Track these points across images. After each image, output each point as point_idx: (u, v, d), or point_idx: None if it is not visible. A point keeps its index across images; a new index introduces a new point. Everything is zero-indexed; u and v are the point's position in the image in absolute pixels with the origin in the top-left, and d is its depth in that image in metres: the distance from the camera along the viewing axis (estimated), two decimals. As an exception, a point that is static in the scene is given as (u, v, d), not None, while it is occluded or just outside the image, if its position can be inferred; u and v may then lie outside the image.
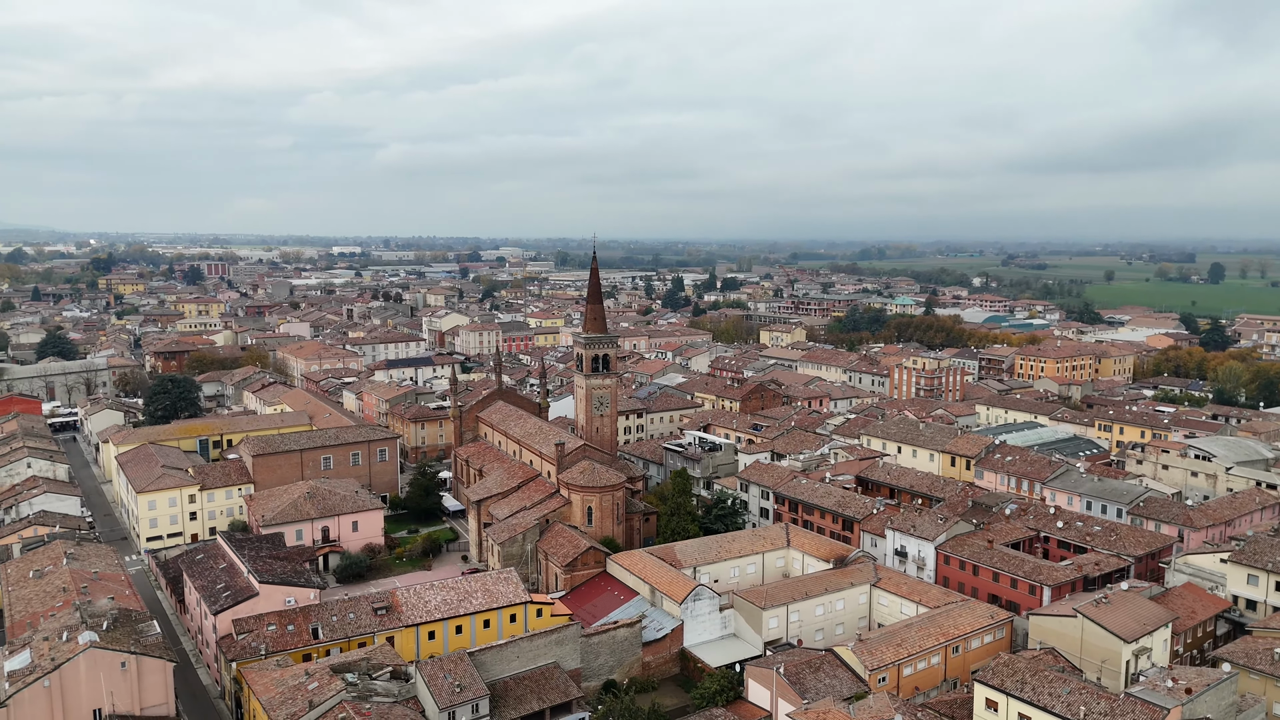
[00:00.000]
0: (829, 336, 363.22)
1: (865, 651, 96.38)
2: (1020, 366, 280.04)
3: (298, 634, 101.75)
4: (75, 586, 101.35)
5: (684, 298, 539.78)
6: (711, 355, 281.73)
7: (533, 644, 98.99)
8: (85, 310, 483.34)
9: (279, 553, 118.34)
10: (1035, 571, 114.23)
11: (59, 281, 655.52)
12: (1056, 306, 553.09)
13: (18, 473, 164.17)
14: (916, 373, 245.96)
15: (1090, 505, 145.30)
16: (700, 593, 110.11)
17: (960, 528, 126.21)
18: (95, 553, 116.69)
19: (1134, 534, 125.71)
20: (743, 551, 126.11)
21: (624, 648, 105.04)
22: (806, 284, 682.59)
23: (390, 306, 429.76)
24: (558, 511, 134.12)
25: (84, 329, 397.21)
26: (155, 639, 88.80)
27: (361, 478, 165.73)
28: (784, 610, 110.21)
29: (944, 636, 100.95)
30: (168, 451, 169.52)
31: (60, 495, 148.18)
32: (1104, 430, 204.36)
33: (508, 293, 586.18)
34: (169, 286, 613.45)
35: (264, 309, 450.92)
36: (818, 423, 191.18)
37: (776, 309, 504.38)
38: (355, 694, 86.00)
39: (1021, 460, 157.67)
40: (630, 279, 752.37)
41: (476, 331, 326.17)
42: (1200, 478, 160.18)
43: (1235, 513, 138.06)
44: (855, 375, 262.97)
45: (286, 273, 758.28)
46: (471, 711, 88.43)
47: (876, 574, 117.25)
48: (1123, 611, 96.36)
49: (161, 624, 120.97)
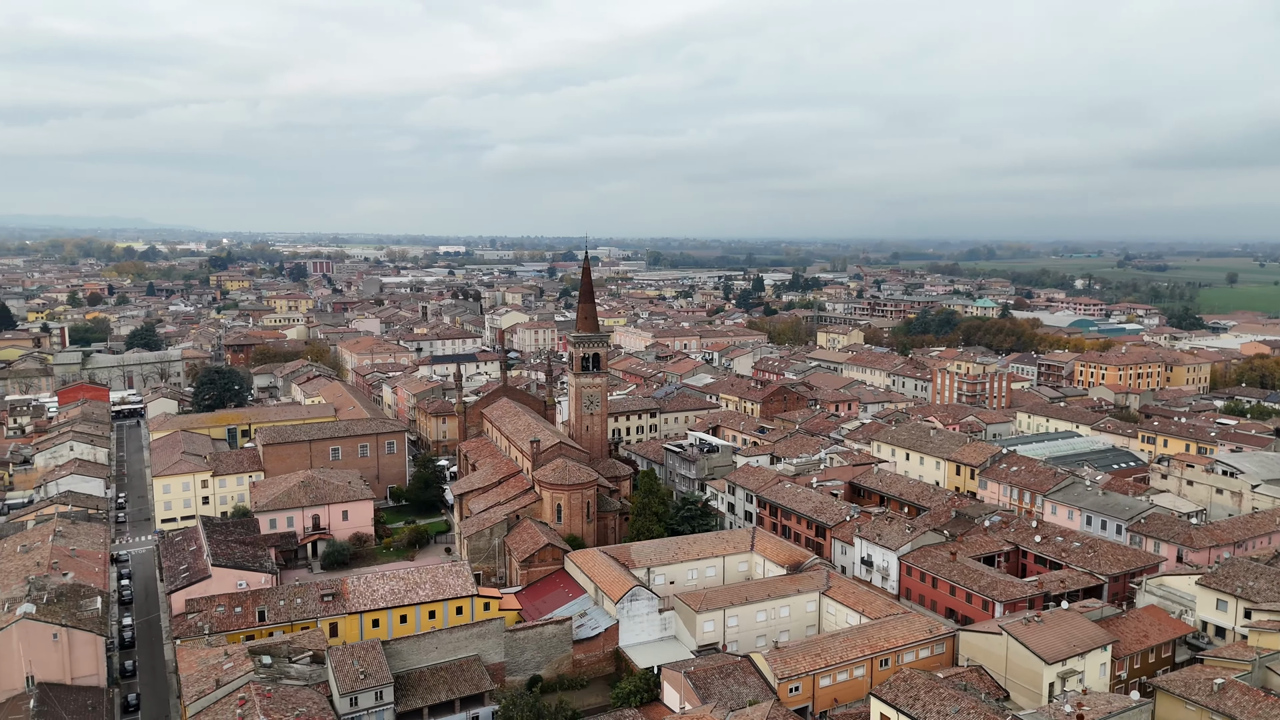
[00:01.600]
0: (892, 339, 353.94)
1: (778, 660, 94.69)
2: (1081, 373, 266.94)
3: (244, 616, 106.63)
4: (48, 562, 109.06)
5: (758, 298, 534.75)
6: (757, 356, 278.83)
7: (453, 636, 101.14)
8: (190, 305, 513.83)
9: (247, 538, 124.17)
10: (990, 586, 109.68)
11: (177, 278, 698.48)
12: (1159, 311, 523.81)
13: (61, 455, 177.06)
14: (959, 378, 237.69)
15: (1090, 520, 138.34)
16: (637, 593, 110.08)
17: (928, 538, 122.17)
18: (87, 532, 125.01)
19: (1115, 552, 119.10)
20: (702, 554, 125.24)
21: (552, 645, 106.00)
22: (893, 285, 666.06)
23: (462, 304, 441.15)
24: (529, 508, 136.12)
25: (181, 322, 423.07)
26: (92, 614, 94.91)
27: (370, 469, 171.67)
28: (720, 614, 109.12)
29: (871, 649, 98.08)
30: (196, 439, 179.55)
31: (86, 477, 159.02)
32: (1147, 442, 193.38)
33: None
34: (272, 283, 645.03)
35: (349, 305, 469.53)
36: (833, 427, 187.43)
37: (852, 310, 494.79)
38: (265, 676, 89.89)
39: (1026, 471, 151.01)
40: (716, 278, 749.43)
41: (532, 329, 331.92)
42: (1226, 495, 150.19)
43: (1249, 533, 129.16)
44: (899, 379, 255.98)
45: (386, 271, 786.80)
46: (375, 698, 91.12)
47: (828, 582, 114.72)
48: (1053, 632, 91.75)
49: (153, 602, 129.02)
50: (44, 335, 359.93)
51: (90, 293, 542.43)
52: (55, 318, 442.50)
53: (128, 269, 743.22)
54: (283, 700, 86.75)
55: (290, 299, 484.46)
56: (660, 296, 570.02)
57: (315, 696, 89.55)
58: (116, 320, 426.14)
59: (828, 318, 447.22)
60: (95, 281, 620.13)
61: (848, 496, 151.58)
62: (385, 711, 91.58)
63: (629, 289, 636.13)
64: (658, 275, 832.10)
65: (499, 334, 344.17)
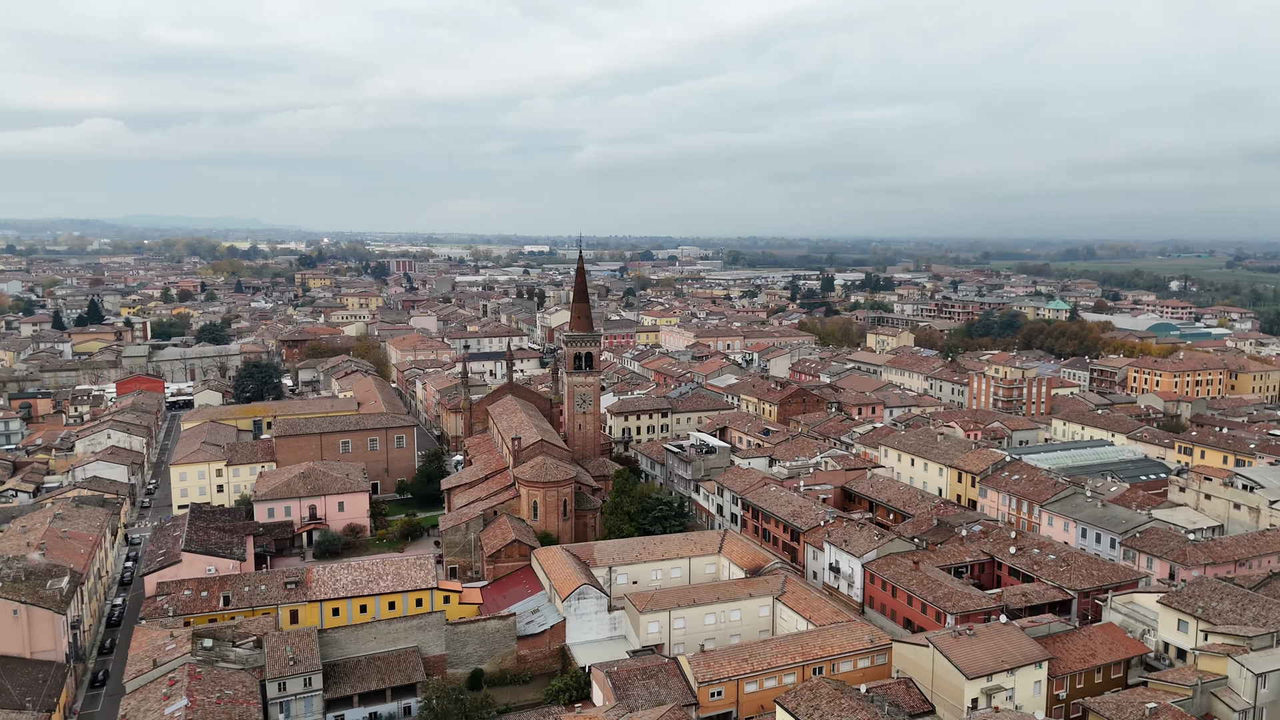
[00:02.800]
0: (949, 340, 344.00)
1: (702, 664, 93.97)
2: (1134, 379, 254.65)
3: (210, 600, 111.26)
4: (37, 543, 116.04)
5: (825, 299, 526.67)
6: (796, 358, 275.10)
7: (391, 627, 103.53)
8: (270, 302, 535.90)
9: (228, 525, 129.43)
10: (945, 597, 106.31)
11: (266, 276, 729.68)
12: (1255, 315, 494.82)
13: (99, 443, 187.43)
14: (996, 382, 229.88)
15: (1086, 533, 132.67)
16: (585, 592, 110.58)
17: (895, 546, 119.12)
18: (89, 515, 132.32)
19: (1091, 566, 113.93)
20: (667, 555, 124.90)
21: (495, 639, 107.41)
22: (971, 286, 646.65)
23: (519, 303, 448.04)
24: (507, 504, 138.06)
25: (256, 318, 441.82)
26: (54, 593, 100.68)
27: (379, 462, 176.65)
28: (665, 615, 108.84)
29: (803, 656, 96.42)
30: (222, 429, 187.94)
31: (111, 464, 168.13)
32: (1183, 453, 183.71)
33: (653, 291, 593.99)
34: (353, 281, 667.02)
35: (416, 303, 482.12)
36: (845, 430, 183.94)
37: (920, 311, 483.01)
38: (201, 658, 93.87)
39: (1027, 480, 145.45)
40: (790, 278, 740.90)
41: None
42: (1244, 510, 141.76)
43: (1254, 551, 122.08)
44: (937, 383, 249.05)
45: (465, 270, 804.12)
46: (304, 684, 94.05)
47: (784, 587, 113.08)
48: (982, 646, 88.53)
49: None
50: (126, 329, 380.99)
51: (181, 290, 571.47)
52: (146, 313, 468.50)
53: (224, 267, 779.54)
54: (212, 682, 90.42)
55: (363, 296, 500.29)
56: (726, 296, 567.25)
57: (247, 680, 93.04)
58: (199, 315, 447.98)
59: (889, 319, 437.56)
60: (190, 279, 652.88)
61: (839, 501, 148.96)
62: (314, 697, 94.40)
63: (696, 288, 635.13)
64: (731, 275, 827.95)
65: (548, 332, 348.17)
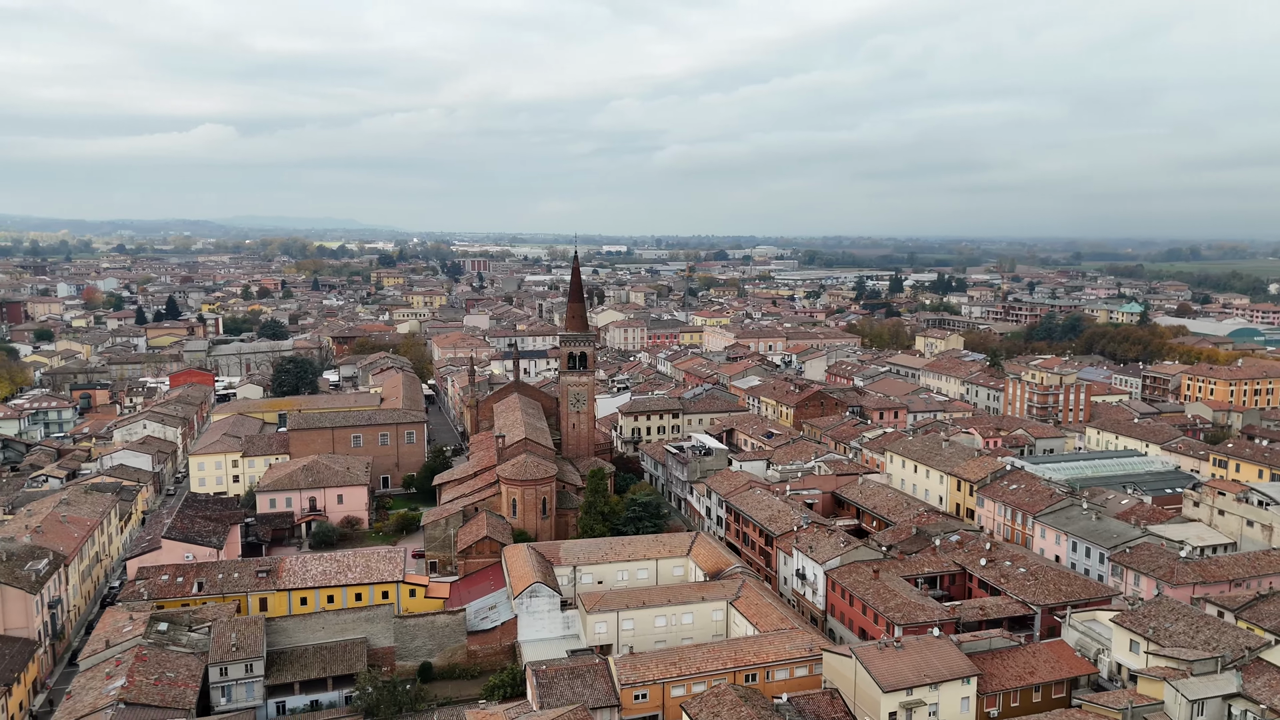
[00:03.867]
0: (1003, 344, 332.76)
1: (628, 666, 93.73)
2: (1188, 387, 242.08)
3: (185, 585, 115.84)
4: (33, 526, 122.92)
5: (889, 299, 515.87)
6: (833, 360, 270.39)
7: (339, 618, 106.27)
8: (342, 299, 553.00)
9: (216, 514, 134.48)
10: (896, 608, 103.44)
11: (347, 274, 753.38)
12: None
13: (135, 432, 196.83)
14: (1032, 388, 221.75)
15: (1076, 546, 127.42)
16: (537, 590, 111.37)
17: (860, 554, 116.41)
18: (95, 501, 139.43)
19: (1060, 581, 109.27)
20: (634, 556, 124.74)
21: (444, 633, 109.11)
22: (1050, 287, 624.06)
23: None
24: (488, 501, 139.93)
25: (324, 315, 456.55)
26: (29, 574, 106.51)
27: (390, 457, 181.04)
28: (614, 616, 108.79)
29: (735, 662, 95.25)
30: (248, 422, 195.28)
31: (137, 453, 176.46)
32: (1218, 465, 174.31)
33: (716, 291, 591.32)
34: (425, 280, 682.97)
35: (479, 301, 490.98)
36: (855, 435, 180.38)
37: (986, 313, 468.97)
38: (152, 641, 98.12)
39: (1025, 490, 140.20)
40: (863, 277, 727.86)
41: (622, 328, 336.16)
42: (1256, 528, 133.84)
43: (1252, 571, 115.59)
44: (973, 388, 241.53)
45: (537, 269, 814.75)
46: (245, 670, 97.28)
47: (739, 591, 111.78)
48: (905, 659, 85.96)
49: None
50: (199, 325, 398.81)
51: (262, 287, 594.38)
52: (225, 309, 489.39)
53: (307, 266, 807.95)
54: (156, 663, 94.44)
55: (428, 295, 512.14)
56: (790, 297, 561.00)
57: (193, 663, 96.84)
58: (271, 312, 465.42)
59: (948, 321, 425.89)
60: (273, 277, 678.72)
61: (830, 507, 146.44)
62: (255, 683, 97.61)
63: (762, 288, 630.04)
64: (803, 275, 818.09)
65: (596, 331, 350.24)
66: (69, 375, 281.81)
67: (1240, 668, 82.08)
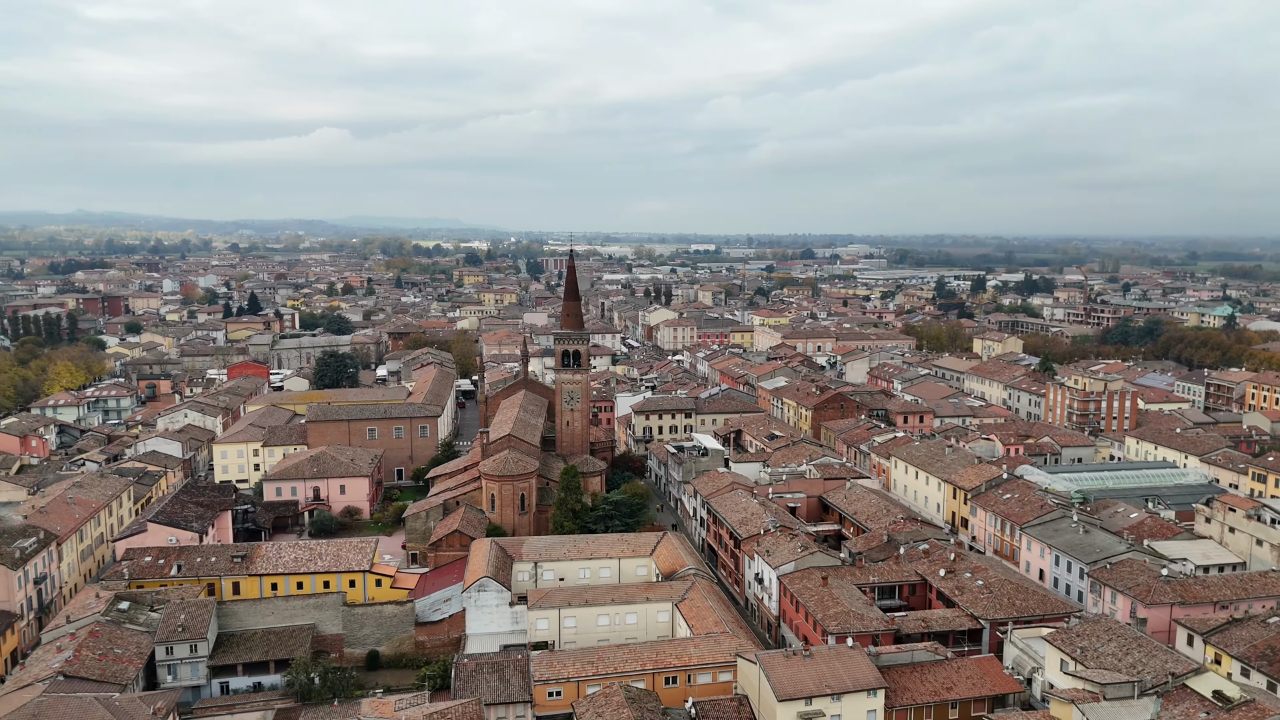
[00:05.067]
0: (1072, 347, 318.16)
1: (543, 663, 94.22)
2: (1253, 396, 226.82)
3: (165, 567, 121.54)
4: (38, 507, 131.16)
5: (967, 300, 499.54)
6: (875, 362, 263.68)
7: (289, 604, 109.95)
8: (419, 297, 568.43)
9: (210, 500, 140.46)
10: (833, 616, 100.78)
11: (433, 272, 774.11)
12: None
13: (176, 421, 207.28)
14: (1073, 394, 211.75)
15: (1059, 560, 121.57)
16: (485, 584, 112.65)
17: (815, 559, 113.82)
18: (106, 485, 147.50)
19: (1016, 595, 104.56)
20: (596, 554, 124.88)
21: (392, 623, 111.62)
22: (1145, 288, 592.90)
23: (632, 300, 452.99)
24: (469, 495, 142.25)
25: (396, 312, 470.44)
26: (14, 551, 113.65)
27: (404, 450, 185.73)
28: (555, 613, 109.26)
29: (655, 664, 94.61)
30: (279, 413, 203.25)
31: (169, 440, 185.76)
32: (1257, 480, 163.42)
33: (789, 290, 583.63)
34: (504, 278, 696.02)
35: (547, 299, 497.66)
36: (867, 438, 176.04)
37: (1067, 316, 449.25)
38: (110, 619, 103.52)
39: (1018, 500, 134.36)
40: (949, 278, 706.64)
41: (672, 327, 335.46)
42: (1265, 547, 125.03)
43: (1242, 593, 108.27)
44: (1015, 393, 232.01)
45: (617, 269, 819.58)
46: (190, 650, 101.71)
47: (686, 594, 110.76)
48: (810, 669, 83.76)
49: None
50: (275, 320, 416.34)
51: (348, 284, 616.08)
52: (308, 305, 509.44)
53: (396, 264, 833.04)
54: (107, 640, 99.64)
55: (500, 293, 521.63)
56: (865, 298, 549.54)
57: (143, 641, 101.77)
58: (349, 308, 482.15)
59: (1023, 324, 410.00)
60: (362, 275, 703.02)
61: (814, 511, 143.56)
62: (199, 663, 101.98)
63: (840, 288, 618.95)
64: (889, 274, 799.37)
65: (647, 330, 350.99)
66: (142, 366, 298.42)
67: (1161, 694, 77.08)
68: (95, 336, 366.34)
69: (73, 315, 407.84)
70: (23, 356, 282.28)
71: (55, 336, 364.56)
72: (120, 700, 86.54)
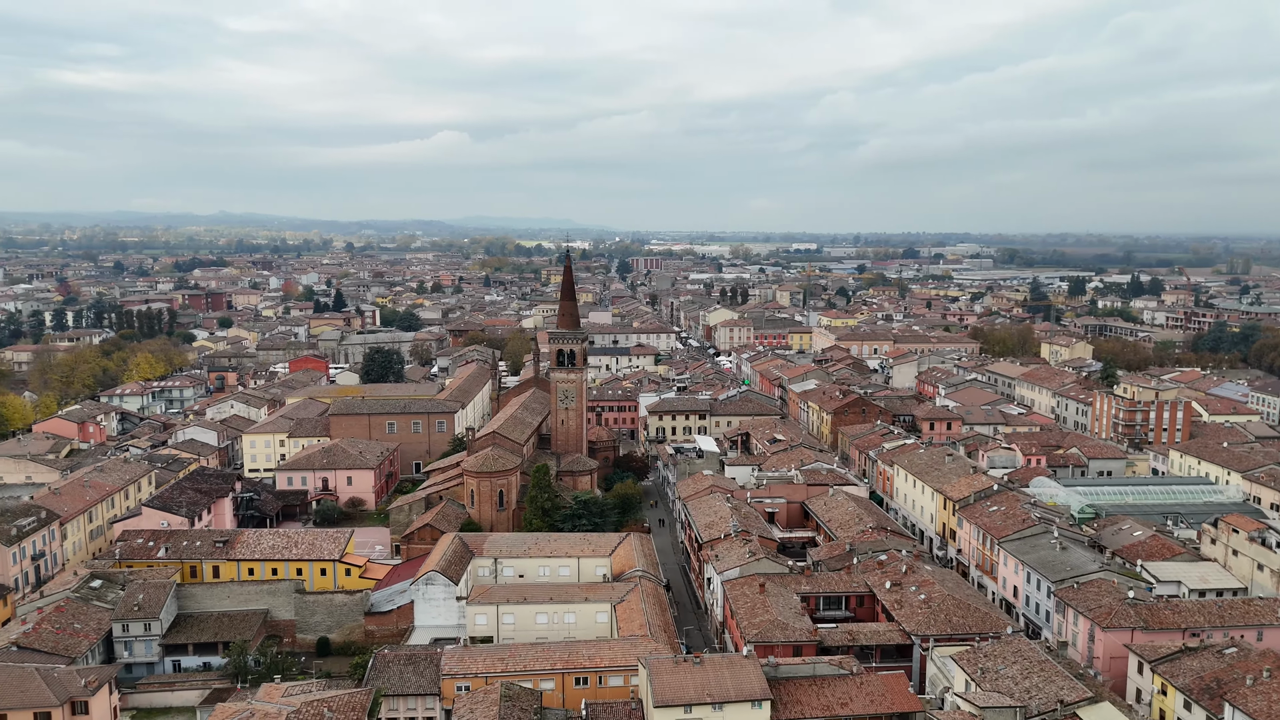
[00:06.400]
0: (1149, 354, 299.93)
1: (455, 658, 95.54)
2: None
3: (153, 550, 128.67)
4: (53, 488, 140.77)
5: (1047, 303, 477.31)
6: (924, 366, 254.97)
7: (244, 589, 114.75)
8: (503, 295, 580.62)
9: (210, 488, 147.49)
10: (754, 625, 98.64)
11: (524, 272, 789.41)
12: None
13: (224, 411, 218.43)
14: (1120, 403, 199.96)
15: (1030, 577, 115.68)
16: (432, 578, 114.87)
17: (762, 565, 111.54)
18: (125, 470, 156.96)
19: (956, 612, 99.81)
20: (557, 552, 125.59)
21: (343, 612, 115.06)
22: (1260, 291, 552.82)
23: (698, 300, 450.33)
24: (452, 490, 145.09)
25: (474, 309, 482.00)
26: (10, 529, 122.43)
27: (421, 443, 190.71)
28: (494, 610, 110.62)
29: (565, 664, 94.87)
30: (314, 405, 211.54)
31: (206, 429, 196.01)
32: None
33: (875, 290, 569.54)
34: (592, 277, 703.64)
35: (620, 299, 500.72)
36: (878, 444, 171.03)
37: (1168, 320, 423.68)
38: (79, 595, 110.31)
39: (1001, 513, 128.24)
40: (1047, 279, 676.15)
41: (729, 327, 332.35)
42: (1266, 573, 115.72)
43: (1216, 621, 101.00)
44: (1064, 401, 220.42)
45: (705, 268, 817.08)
46: (144, 628, 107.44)
47: (625, 595, 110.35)
48: (694, 676, 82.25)
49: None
50: (356, 316, 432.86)
51: (437, 283, 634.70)
52: (397, 302, 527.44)
53: (490, 263, 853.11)
54: (70, 615, 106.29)
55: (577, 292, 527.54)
56: (952, 299, 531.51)
57: (104, 618, 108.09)
58: (430, 306, 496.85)
59: (1112, 328, 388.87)
60: (453, 274, 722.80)
61: (795, 517, 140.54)
62: (152, 641, 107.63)
63: (932, 288, 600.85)
64: (991, 274, 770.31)
65: (706, 330, 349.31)
66: (219, 359, 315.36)
67: (1047, 723, 72.67)
68: (187, 331, 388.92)
69: (173, 311, 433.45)
70: (108, 348, 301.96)
71: (153, 330, 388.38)
72: (59, 672, 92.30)
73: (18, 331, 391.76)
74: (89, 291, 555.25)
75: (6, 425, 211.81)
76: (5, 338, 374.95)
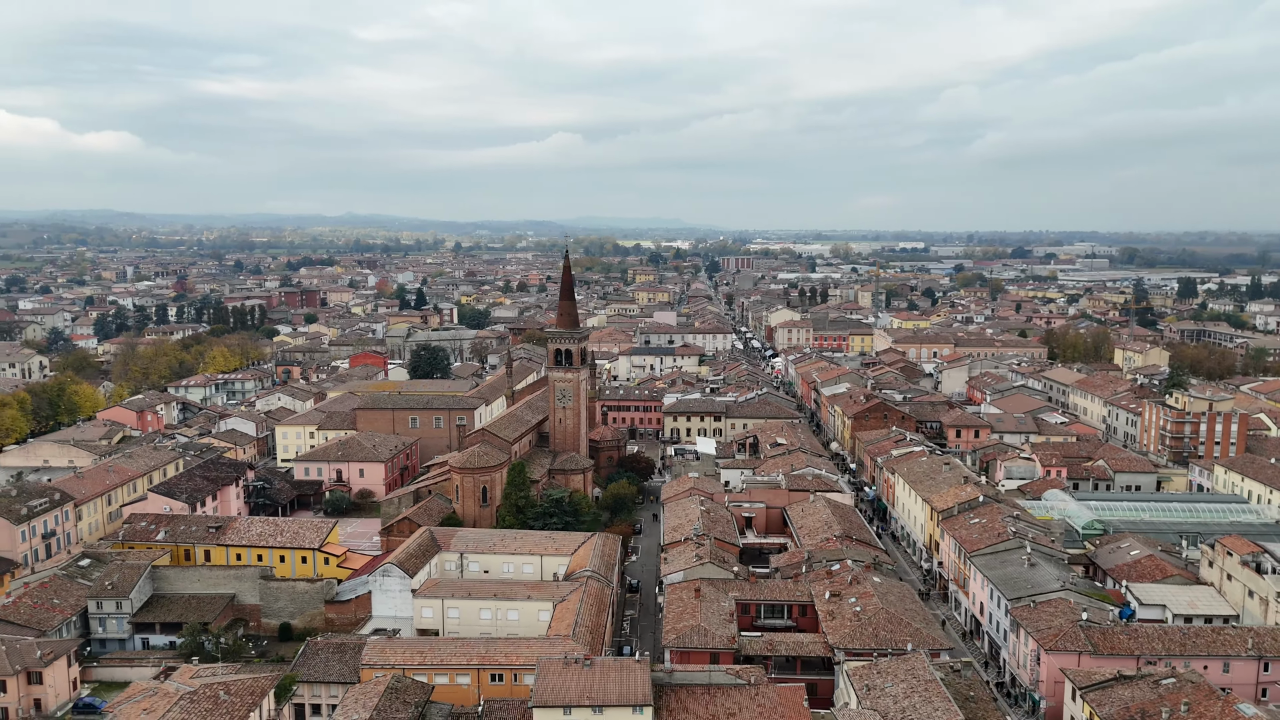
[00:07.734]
0: (1237, 362, 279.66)
1: (376, 648, 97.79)
2: None
3: (154, 533, 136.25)
4: (78, 472, 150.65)
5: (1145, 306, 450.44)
6: (975, 372, 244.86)
7: (213, 574, 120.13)
8: (583, 294, 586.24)
9: (219, 476, 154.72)
10: (677, 630, 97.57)
11: (611, 271, 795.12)
12: None
13: (274, 402, 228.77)
14: (1168, 415, 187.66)
15: (992, 594, 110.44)
16: (388, 570, 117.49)
17: (706, 570, 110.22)
18: (152, 456, 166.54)
19: (887, 626, 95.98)
20: (521, 550, 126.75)
21: (305, 599, 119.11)
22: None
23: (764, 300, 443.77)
24: (440, 486, 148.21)
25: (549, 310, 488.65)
26: (20, 508, 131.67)
27: (443, 439, 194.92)
28: (439, 603, 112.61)
29: (483, 661, 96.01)
30: (350, 400, 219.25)
31: (245, 420, 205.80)
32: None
33: (965, 291, 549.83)
34: (675, 277, 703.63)
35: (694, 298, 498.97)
36: (886, 450, 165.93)
37: (1278, 326, 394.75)
38: (65, 574, 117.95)
39: (980, 526, 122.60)
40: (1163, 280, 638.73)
41: (787, 328, 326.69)
42: (1255, 600, 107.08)
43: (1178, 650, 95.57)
44: (1115, 411, 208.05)
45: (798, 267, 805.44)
46: (115, 606, 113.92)
47: (568, 595, 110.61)
48: (580, 679, 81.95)
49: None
50: (433, 314, 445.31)
51: (521, 283, 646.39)
52: (481, 300, 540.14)
53: (582, 263, 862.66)
54: (52, 591, 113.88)
55: (651, 291, 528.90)
56: (1047, 300, 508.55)
57: (82, 595, 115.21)
58: (508, 305, 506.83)
59: (1212, 333, 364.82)
60: (542, 273, 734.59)
61: (775, 523, 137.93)
62: (123, 619, 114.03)
63: (1030, 289, 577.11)
64: (1096, 275, 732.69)
65: (768, 331, 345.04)
66: (293, 354, 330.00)
67: (912, 747, 69.42)
68: (273, 326, 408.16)
69: (263, 307, 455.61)
70: (188, 342, 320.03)
71: (244, 325, 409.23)
72: (21, 644, 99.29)
73: (123, 325, 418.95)
74: (202, 288, 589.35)
75: (78, 412, 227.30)
76: (111, 330, 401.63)
